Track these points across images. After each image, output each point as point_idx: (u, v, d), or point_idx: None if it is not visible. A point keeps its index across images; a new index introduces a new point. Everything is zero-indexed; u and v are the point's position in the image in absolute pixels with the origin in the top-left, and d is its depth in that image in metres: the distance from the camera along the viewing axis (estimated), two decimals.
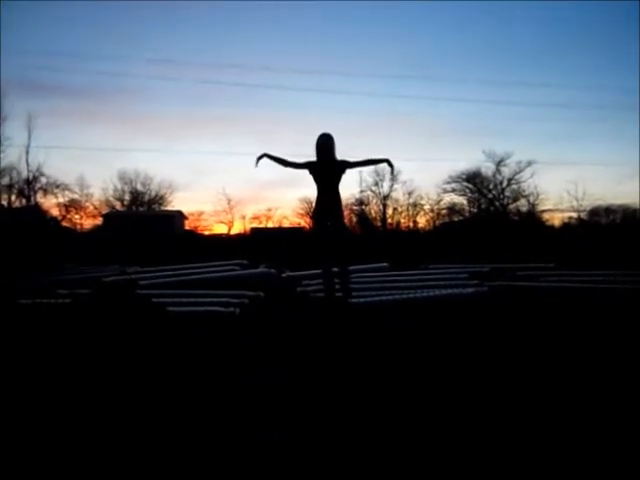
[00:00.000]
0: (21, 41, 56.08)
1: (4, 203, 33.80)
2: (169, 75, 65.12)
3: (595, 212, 37.33)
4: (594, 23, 59.36)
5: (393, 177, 36.35)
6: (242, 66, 65.43)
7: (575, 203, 37.59)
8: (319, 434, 2.49)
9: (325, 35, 63.51)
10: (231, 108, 63.01)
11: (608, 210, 36.88)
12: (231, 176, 69.88)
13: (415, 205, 40.92)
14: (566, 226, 34.17)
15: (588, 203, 37.43)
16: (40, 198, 36.25)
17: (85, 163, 66.64)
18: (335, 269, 5.74)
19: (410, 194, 40.40)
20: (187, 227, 41.28)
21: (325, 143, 5.49)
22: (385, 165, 5.60)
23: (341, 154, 5.55)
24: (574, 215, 37.43)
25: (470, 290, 6.91)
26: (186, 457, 2.27)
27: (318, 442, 2.41)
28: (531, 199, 38.75)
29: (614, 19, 56.44)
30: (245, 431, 2.52)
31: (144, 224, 33.08)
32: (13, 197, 35.03)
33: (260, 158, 5.53)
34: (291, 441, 2.40)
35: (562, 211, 38.32)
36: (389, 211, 40.41)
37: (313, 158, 5.52)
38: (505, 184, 39.46)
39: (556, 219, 37.95)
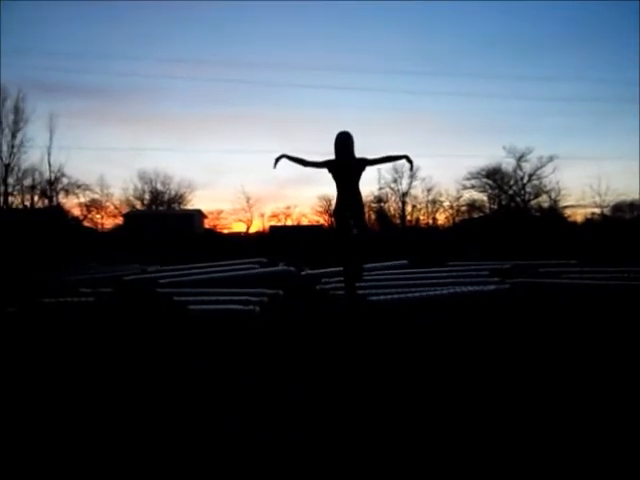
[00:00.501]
0: (42, 43, 56.80)
1: (27, 204, 34.41)
2: (189, 74, 65.41)
3: (619, 207, 36.58)
4: (615, 15, 58.24)
5: (412, 173, 36.15)
6: (260, 64, 65.44)
7: (598, 198, 36.95)
8: (340, 434, 2.49)
9: (342, 31, 63.40)
10: (249, 106, 63.09)
11: (632, 205, 36.12)
12: (250, 174, 70.31)
13: (434, 202, 40.61)
14: (589, 222, 33.63)
15: (611, 198, 36.76)
16: (62, 198, 36.80)
17: (105, 163, 67.39)
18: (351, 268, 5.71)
19: (429, 191, 40.11)
20: (206, 226, 41.54)
21: (344, 141, 5.45)
22: (404, 162, 5.56)
23: (360, 151, 5.52)
24: (597, 211, 36.80)
25: (491, 287, 6.85)
26: (198, 453, 2.28)
27: (340, 442, 2.40)
28: (553, 195, 38.19)
29: (636, 10, 55.20)
30: (263, 429, 2.53)
31: (164, 223, 33.38)
32: (36, 198, 35.62)
33: (278, 159, 5.52)
34: (318, 442, 2.40)
35: (584, 207, 37.70)
36: (408, 208, 40.19)
37: (331, 155, 5.49)
38: (526, 180, 38.96)
39: (578, 215, 37.38)
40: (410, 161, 5.52)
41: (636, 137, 62.18)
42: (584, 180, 41.77)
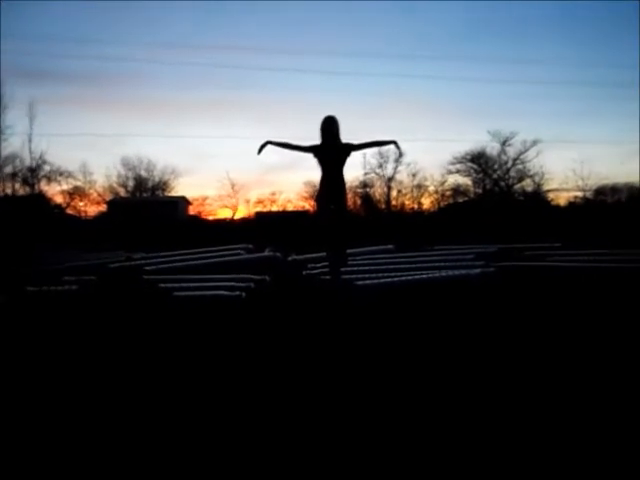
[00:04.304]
0: (19, 27, 55.48)
1: (8, 192, 33.89)
2: (171, 59, 64.60)
3: (601, 191, 37.04)
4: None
5: (399, 159, 36.16)
6: (245, 48, 64.87)
7: (580, 182, 37.33)
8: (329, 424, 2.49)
9: (327, 15, 62.74)
10: (234, 91, 62.46)
11: (614, 189, 36.61)
12: (235, 160, 69.61)
13: (419, 187, 40.69)
14: (572, 205, 33.98)
15: (594, 182, 37.19)
16: (44, 186, 36.29)
17: (88, 150, 66.50)
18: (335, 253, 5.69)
19: (414, 176, 40.15)
20: (191, 212, 41.24)
21: (330, 125, 5.40)
22: (390, 147, 5.54)
23: (345, 136, 5.49)
24: (579, 194, 37.21)
25: (477, 271, 6.89)
26: (190, 451, 2.27)
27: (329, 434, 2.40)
28: (536, 179, 38.45)
29: None
30: (248, 424, 2.53)
31: (148, 210, 33.03)
32: (17, 185, 35.07)
33: (263, 146, 5.46)
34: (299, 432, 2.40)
35: (567, 190, 38.08)
36: (393, 193, 40.21)
37: (318, 140, 5.45)
38: (510, 164, 39.14)
39: (561, 199, 37.76)
40: (398, 146, 5.49)
41: (618, 122, 62.74)
42: (567, 164, 42.10)
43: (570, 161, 48.40)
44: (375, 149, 32.55)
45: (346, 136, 5.46)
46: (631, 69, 61.21)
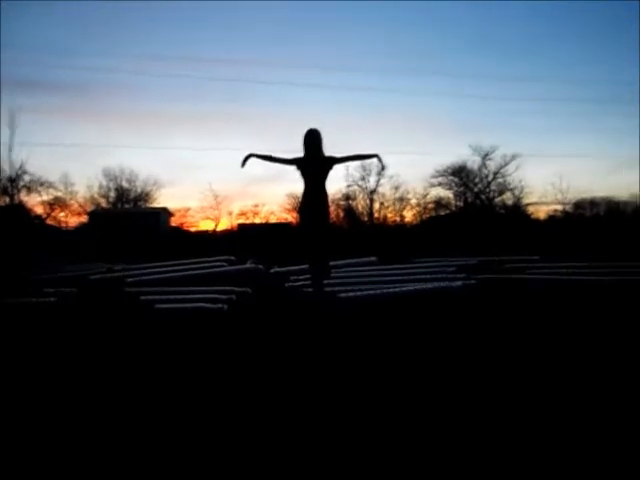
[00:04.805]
0: (7, 37, 55.03)
1: None
2: (155, 71, 64.23)
3: (579, 205, 37.65)
4: (577, 17, 59.56)
5: (382, 172, 36.39)
6: (228, 61, 64.81)
7: (560, 196, 37.90)
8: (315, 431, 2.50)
9: (312, 29, 63.20)
10: (217, 103, 62.39)
11: (592, 203, 37.23)
12: (217, 172, 69.32)
13: (402, 199, 40.94)
14: (551, 219, 34.47)
15: (573, 196, 37.78)
16: (24, 196, 35.83)
17: (69, 160, 65.67)
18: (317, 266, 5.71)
19: (397, 188, 40.38)
20: (173, 224, 40.97)
21: (312, 139, 5.44)
22: (373, 160, 5.59)
23: (328, 148, 5.53)
24: (559, 208, 37.75)
25: (458, 283, 6.96)
26: (182, 456, 2.26)
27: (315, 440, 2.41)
28: (516, 192, 38.96)
29: (597, 13, 56.63)
30: (239, 429, 2.52)
31: (130, 221, 32.76)
32: None
33: (247, 159, 5.48)
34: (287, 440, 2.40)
35: (547, 204, 38.61)
36: (376, 206, 40.38)
37: (301, 153, 5.49)
38: (491, 178, 39.60)
39: (541, 212, 38.26)
40: (380, 160, 5.55)
41: (596, 136, 63.81)
42: (546, 178, 42.72)
43: (549, 175, 49.19)
44: (358, 162, 32.72)
45: (331, 149, 5.51)
46: (609, 84, 62.33)
